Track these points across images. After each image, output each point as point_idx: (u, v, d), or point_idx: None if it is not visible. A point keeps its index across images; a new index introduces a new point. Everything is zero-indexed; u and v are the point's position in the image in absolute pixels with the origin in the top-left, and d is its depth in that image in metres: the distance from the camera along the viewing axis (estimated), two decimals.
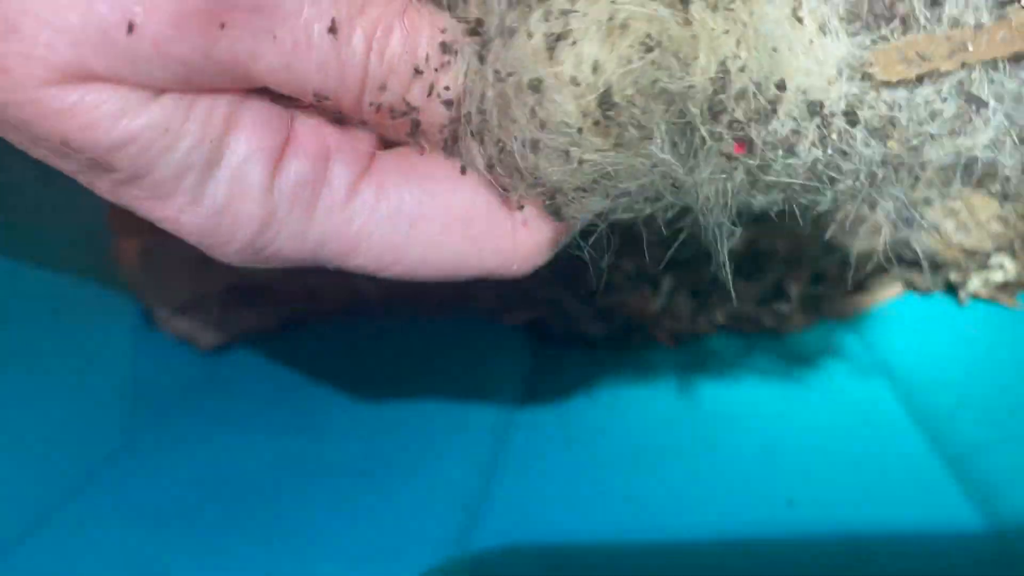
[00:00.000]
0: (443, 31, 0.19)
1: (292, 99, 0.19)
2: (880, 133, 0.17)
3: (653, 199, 0.18)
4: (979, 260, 0.37)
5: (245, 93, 0.18)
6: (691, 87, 0.16)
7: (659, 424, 0.34)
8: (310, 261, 0.20)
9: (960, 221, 0.37)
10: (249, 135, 0.18)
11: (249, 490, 0.30)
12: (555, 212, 0.19)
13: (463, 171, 0.20)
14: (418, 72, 0.19)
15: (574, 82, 0.17)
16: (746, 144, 0.17)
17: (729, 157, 0.17)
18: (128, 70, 0.16)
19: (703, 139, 0.17)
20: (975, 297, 0.38)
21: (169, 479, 0.31)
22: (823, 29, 0.16)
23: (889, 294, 0.39)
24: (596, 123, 0.17)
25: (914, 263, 0.38)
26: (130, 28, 0.16)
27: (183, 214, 0.18)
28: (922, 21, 0.17)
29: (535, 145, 0.18)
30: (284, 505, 0.30)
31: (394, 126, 0.20)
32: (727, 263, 0.19)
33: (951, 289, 0.39)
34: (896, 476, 0.29)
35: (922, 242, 0.36)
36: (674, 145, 0.17)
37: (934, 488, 0.29)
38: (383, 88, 0.18)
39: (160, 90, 0.17)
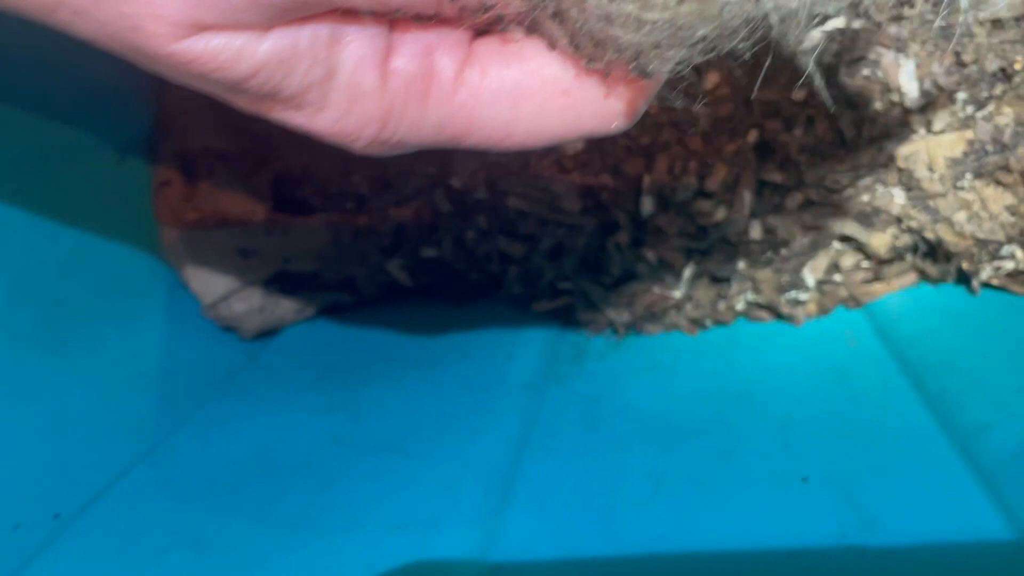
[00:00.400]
0: None
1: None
2: None
3: (729, 35, 0.19)
4: (991, 250, 0.38)
5: (342, 15, 0.20)
6: None
7: (679, 406, 0.35)
8: (432, 145, 0.22)
9: (972, 212, 0.38)
10: (354, 48, 0.20)
11: (293, 466, 0.32)
12: (640, 71, 0.20)
13: (551, 47, 0.22)
14: None
15: None
16: None
17: None
18: (233, 18, 0.19)
19: None
20: (987, 286, 0.39)
21: (218, 456, 0.33)
22: None
23: (903, 283, 0.40)
24: None
25: (928, 253, 0.40)
26: None
27: (314, 120, 0.21)
28: None
29: (608, 18, 0.19)
30: (325, 480, 0.32)
31: (478, 21, 0.21)
32: (816, 71, 0.19)
33: (963, 278, 0.40)
34: (906, 455, 0.31)
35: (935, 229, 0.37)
36: None
37: (942, 465, 0.30)
38: None
39: (268, 27, 0.19)
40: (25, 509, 0.30)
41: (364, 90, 0.21)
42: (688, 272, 0.40)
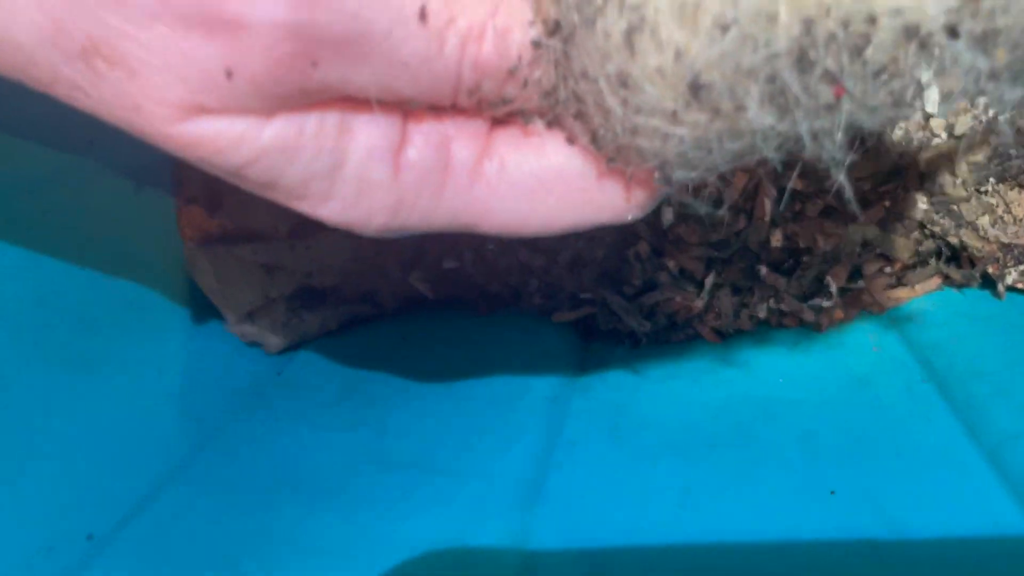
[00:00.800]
0: (532, 24, 0.19)
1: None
2: (985, 43, 0.16)
3: (760, 149, 0.18)
4: (1016, 254, 0.38)
5: (353, 103, 0.19)
6: (775, 54, 0.16)
7: (704, 416, 0.35)
8: (445, 229, 0.22)
9: (996, 216, 0.38)
10: (365, 138, 0.19)
11: (321, 485, 0.32)
12: (664, 180, 0.20)
13: (571, 142, 0.21)
14: (511, 72, 0.19)
15: (660, 72, 0.17)
16: (844, 86, 0.16)
17: (829, 105, 0.17)
18: (235, 104, 0.18)
19: (799, 101, 0.16)
20: (1012, 290, 0.39)
21: (247, 475, 0.33)
22: None
23: (927, 288, 0.40)
24: (688, 104, 0.17)
25: (951, 258, 0.39)
26: (229, 74, 0.17)
27: (319, 208, 0.20)
28: None
29: (634, 130, 0.18)
30: (354, 499, 0.32)
31: (497, 113, 0.20)
32: (846, 186, 0.18)
33: (988, 282, 0.40)
34: (934, 465, 0.31)
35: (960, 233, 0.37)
36: (771, 106, 0.17)
37: (971, 476, 0.30)
38: (477, 89, 0.19)
39: (271, 113, 0.19)
40: (58, 531, 0.31)
41: (374, 182, 0.20)
42: (709, 281, 0.40)
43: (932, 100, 0.18)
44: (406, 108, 0.20)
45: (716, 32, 0.16)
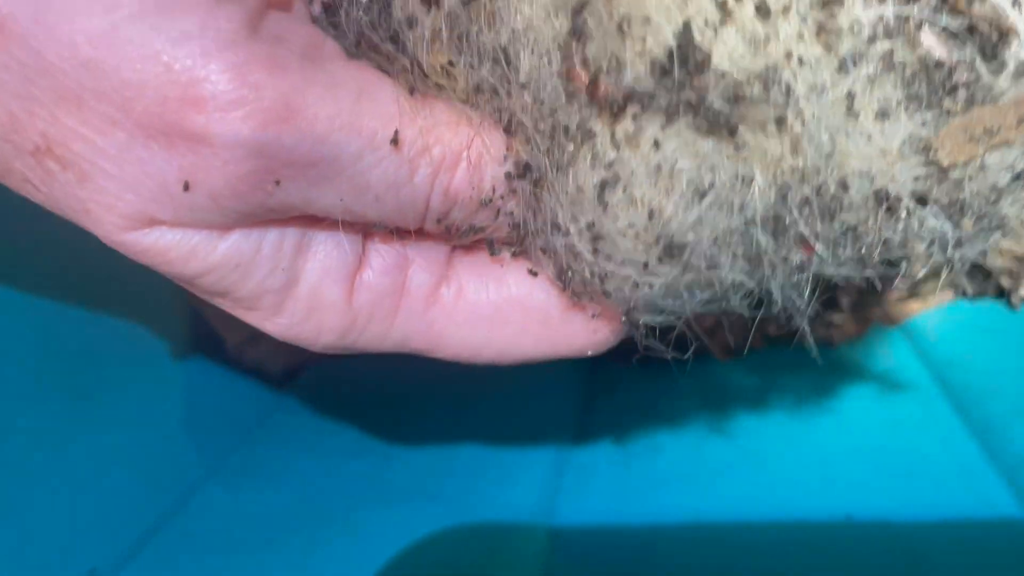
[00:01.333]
0: (507, 158, 0.18)
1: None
2: (952, 210, 0.17)
3: (729, 298, 0.18)
4: None
5: (312, 220, 0.19)
6: (751, 219, 0.16)
7: (716, 440, 0.35)
8: (395, 351, 0.21)
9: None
10: (322, 258, 0.19)
11: (326, 517, 0.32)
12: (631, 323, 0.20)
13: (534, 273, 0.20)
14: (484, 204, 0.19)
15: (632, 228, 0.17)
16: (814, 248, 0.17)
17: (800, 266, 0.17)
18: (190, 218, 0.17)
19: (772, 262, 0.17)
20: None
21: (251, 507, 0.33)
22: (881, 115, 0.16)
23: (940, 300, 0.40)
24: (660, 260, 0.17)
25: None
26: (186, 187, 0.17)
27: (267, 322, 0.20)
28: (985, 79, 0.16)
29: (603, 276, 0.18)
30: (359, 532, 0.31)
31: (460, 240, 0.20)
32: (808, 330, 0.19)
33: (1002, 294, 0.39)
34: (952, 488, 0.30)
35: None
36: (743, 262, 0.17)
37: (991, 500, 0.29)
38: (446, 216, 0.19)
39: (229, 228, 0.18)
40: (61, 566, 0.30)
41: (326, 303, 0.19)
42: None
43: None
44: (367, 228, 0.19)
45: (693, 196, 0.16)
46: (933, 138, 0.16)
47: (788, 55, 0.15)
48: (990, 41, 0.15)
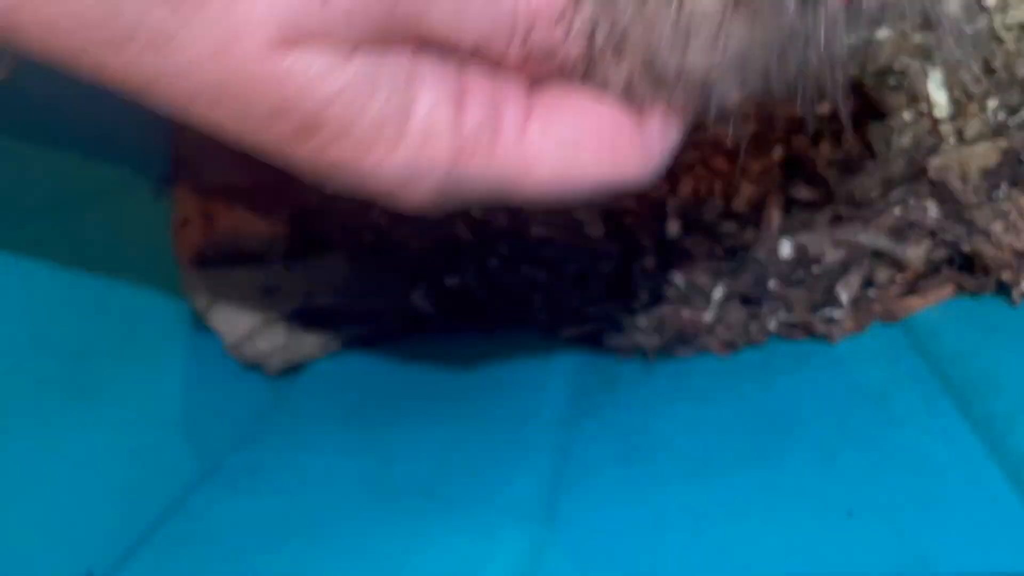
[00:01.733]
0: None
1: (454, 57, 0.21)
2: None
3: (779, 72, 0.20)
4: None
5: (419, 51, 0.20)
6: None
7: (716, 436, 0.34)
8: (485, 199, 0.22)
9: (1009, 222, 0.37)
10: (432, 84, 0.20)
11: (325, 518, 0.31)
12: (704, 105, 0.21)
13: (601, 97, 0.22)
14: (561, 15, 0.20)
15: None
16: None
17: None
18: (325, 32, 0.18)
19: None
20: None
21: (249, 508, 0.33)
22: None
23: (940, 296, 0.39)
24: (736, 4, 0.19)
25: (964, 266, 0.39)
26: (324, 1, 0.18)
27: (384, 162, 0.20)
28: None
29: (684, 45, 0.19)
30: (358, 532, 0.31)
31: (539, 67, 0.21)
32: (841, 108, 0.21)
33: (1003, 289, 0.39)
34: (955, 484, 0.30)
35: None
36: (800, 7, 0.19)
37: (994, 496, 0.29)
38: (528, 36, 0.20)
39: (354, 48, 0.19)
40: (57, 567, 0.30)
41: (439, 128, 0.21)
42: (718, 294, 0.39)
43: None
44: (462, 63, 0.21)
45: None
46: None
47: None
48: None
